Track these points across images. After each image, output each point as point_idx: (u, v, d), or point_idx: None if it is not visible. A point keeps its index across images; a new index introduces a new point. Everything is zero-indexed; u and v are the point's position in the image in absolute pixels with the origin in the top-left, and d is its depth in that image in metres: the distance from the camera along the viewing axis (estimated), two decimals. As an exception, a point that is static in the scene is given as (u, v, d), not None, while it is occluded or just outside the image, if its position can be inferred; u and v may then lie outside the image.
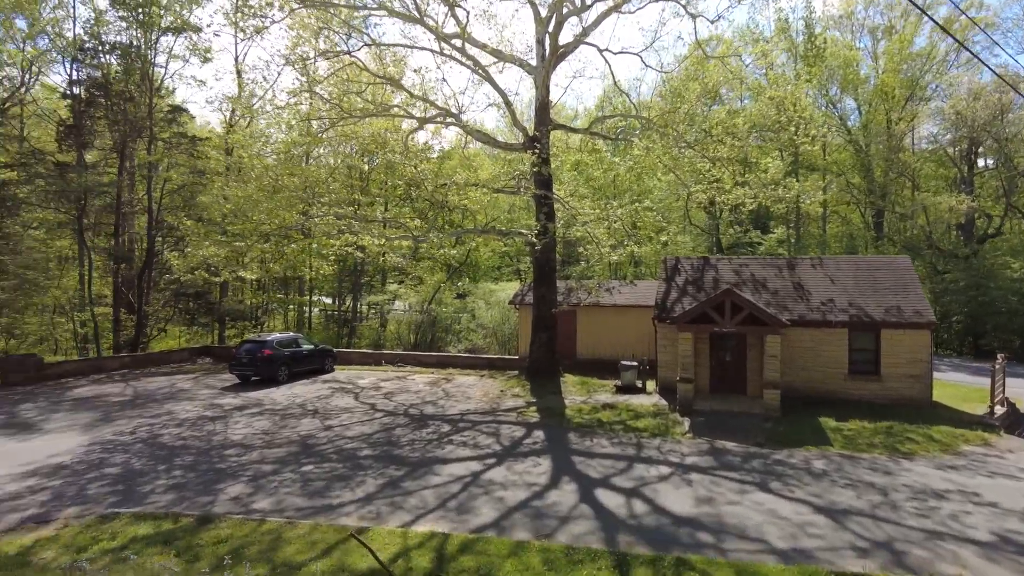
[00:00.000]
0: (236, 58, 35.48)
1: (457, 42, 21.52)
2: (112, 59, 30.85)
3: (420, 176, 22.57)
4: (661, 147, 22.82)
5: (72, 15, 32.41)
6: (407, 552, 8.63)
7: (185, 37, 32.49)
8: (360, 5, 21.06)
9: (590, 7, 22.20)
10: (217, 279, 23.66)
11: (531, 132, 22.77)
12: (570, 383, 21.51)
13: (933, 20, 10.16)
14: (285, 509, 10.37)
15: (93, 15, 30.62)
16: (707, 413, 16.82)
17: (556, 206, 22.80)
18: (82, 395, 20.55)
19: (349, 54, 21.51)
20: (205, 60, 33.40)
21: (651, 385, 20.74)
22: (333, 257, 23.03)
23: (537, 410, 17.89)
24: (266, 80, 37.30)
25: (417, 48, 23.13)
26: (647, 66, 29.32)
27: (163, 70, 34.54)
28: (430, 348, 35.81)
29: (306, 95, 21.88)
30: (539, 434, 15.38)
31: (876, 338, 18.49)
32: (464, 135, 25.72)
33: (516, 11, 65.13)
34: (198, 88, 78.64)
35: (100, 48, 30.30)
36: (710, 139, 22.79)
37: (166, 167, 32.76)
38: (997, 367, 17.23)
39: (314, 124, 22.53)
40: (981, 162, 41.87)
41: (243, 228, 23.20)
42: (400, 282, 40.15)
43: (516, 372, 24.38)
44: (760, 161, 30.59)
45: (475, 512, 10.21)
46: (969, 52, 24.39)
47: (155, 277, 32.52)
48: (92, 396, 20.34)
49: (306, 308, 44.69)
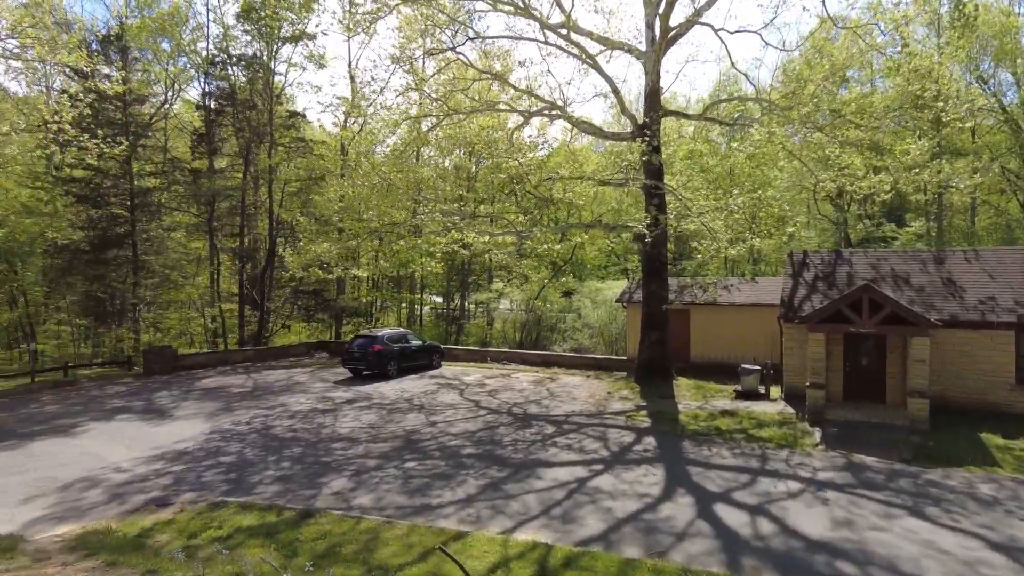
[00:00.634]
0: (349, 63, 37.04)
1: (562, 31, 20.84)
2: (238, 70, 33.18)
3: (524, 169, 22.04)
4: (783, 133, 20.76)
5: (206, 34, 35.21)
6: (507, 562, 7.97)
7: (302, 45, 34.34)
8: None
9: (704, -17, 20.61)
10: (330, 276, 24.48)
11: (640, 120, 21.52)
12: (683, 387, 20.07)
13: None
14: (385, 507, 10.11)
15: (222, 31, 33.02)
16: (840, 423, 14.92)
17: (668, 197, 21.43)
18: (208, 386, 21.87)
19: (454, 50, 21.46)
20: (320, 66, 35.24)
21: (775, 391, 18.87)
22: (440, 255, 23.03)
23: (648, 414, 16.72)
24: (374, 80, 38.35)
25: (522, 40, 22.69)
26: (767, 44, 27.58)
27: (283, 78, 36.71)
28: (535, 347, 35.34)
29: (414, 93, 22.09)
30: (650, 440, 14.26)
31: (1054, 342, 15.62)
32: (570, 129, 24.95)
33: (624, -6, 63.04)
34: (314, 94, 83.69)
35: (228, 60, 32.65)
36: (841, 120, 20.40)
37: (285, 170, 34.64)
38: None
39: (423, 125, 22.72)
40: None
41: (355, 226, 23.81)
42: (506, 280, 40.07)
43: (624, 373, 23.17)
44: (894, 147, 27.14)
45: (580, 522, 9.44)
46: None
47: (276, 275, 34.44)
48: (217, 387, 21.57)
49: (417, 306, 45.79)
